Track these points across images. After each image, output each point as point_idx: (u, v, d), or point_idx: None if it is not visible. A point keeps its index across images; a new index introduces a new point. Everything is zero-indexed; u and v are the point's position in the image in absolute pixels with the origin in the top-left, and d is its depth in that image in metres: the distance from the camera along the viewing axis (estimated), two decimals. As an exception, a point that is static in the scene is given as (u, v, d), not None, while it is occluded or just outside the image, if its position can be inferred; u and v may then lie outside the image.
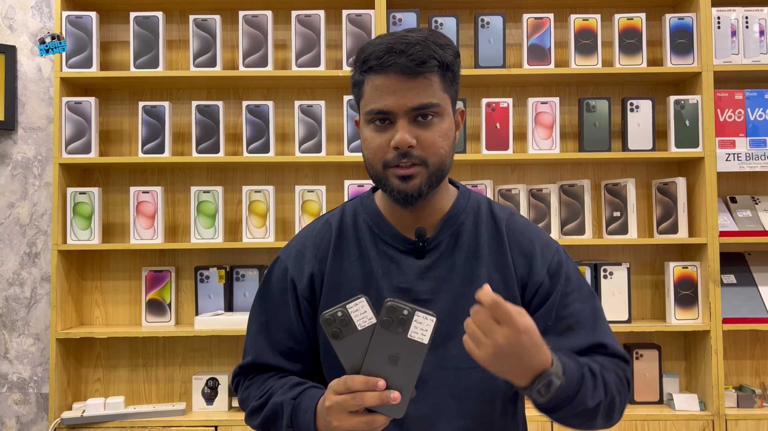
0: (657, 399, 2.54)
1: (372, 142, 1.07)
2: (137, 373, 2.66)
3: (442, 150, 1.07)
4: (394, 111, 1.05)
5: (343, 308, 0.94)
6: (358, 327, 0.94)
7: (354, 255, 1.14)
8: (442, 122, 1.07)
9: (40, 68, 2.69)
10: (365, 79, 1.08)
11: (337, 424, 0.95)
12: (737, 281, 2.59)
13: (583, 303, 1.13)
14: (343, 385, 0.94)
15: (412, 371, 0.94)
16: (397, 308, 0.92)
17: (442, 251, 1.13)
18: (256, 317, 1.20)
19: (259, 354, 1.17)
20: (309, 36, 2.54)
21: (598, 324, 1.12)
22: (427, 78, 1.05)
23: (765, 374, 2.67)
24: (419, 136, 1.05)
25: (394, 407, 0.94)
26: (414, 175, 1.05)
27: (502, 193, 2.58)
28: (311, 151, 2.53)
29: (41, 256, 2.67)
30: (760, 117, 2.54)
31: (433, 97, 1.05)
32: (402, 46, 1.03)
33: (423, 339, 0.93)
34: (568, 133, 2.70)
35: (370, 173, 1.11)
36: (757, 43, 2.54)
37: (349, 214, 1.18)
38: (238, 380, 1.22)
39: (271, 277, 1.19)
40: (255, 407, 1.13)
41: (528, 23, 2.55)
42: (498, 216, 1.16)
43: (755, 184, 2.71)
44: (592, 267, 2.55)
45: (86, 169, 2.69)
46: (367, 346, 0.94)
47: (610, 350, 1.10)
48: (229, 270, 2.63)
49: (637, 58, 2.55)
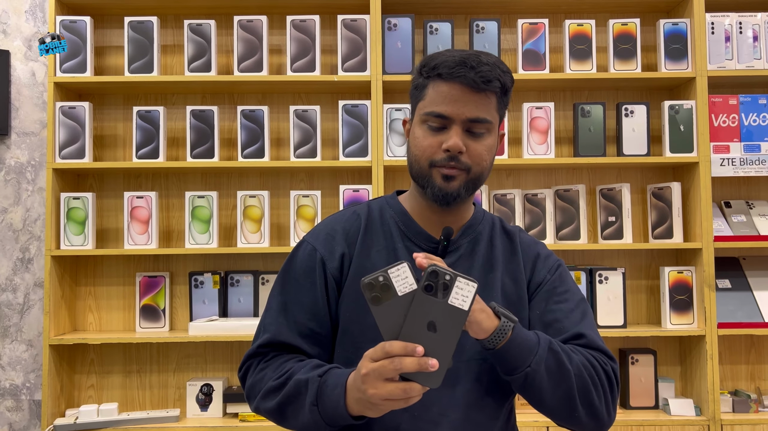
0: (653, 404, 2.54)
1: (423, 141, 1.15)
2: (131, 379, 2.65)
3: (485, 162, 1.16)
4: (452, 117, 1.13)
5: (385, 273, 0.93)
6: (399, 292, 0.93)
7: (381, 245, 1.20)
8: (490, 138, 1.16)
9: (34, 73, 2.68)
10: (429, 84, 1.16)
11: (373, 392, 0.94)
12: (732, 286, 2.59)
13: (575, 304, 1.20)
14: (381, 351, 0.94)
15: (450, 339, 0.93)
16: (439, 273, 0.93)
17: (461, 254, 1.21)
18: (276, 297, 1.21)
19: (278, 332, 1.18)
20: (304, 41, 2.54)
21: (584, 319, 1.18)
22: (487, 96, 1.14)
23: (760, 379, 2.67)
24: (469, 145, 1.14)
25: (431, 376, 0.92)
26: (455, 176, 1.14)
27: (497, 197, 2.58)
28: (306, 156, 2.53)
29: (34, 262, 2.65)
30: (754, 122, 2.55)
31: (488, 114, 1.15)
32: (474, 62, 1.12)
33: (463, 305, 0.93)
34: (563, 138, 2.70)
35: (413, 169, 1.18)
36: (750, 48, 2.55)
37: (375, 210, 1.24)
38: (251, 363, 1.20)
39: (295, 258, 1.22)
40: (273, 387, 1.12)
41: (523, 28, 2.56)
42: (511, 231, 1.27)
43: (749, 188, 2.71)
44: (588, 272, 2.54)
45: (80, 174, 2.67)
46: (407, 312, 0.93)
47: (589, 341, 1.15)
48: (224, 275, 2.62)
49: (632, 63, 2.55)
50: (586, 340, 1.15)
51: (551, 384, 1.07)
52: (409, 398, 0.94)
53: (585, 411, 1.10)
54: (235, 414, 2.52)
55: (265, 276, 2.60)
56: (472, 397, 1.15)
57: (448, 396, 1.13)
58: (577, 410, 1.09)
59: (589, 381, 1.10)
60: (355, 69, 2.53)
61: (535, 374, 1.06)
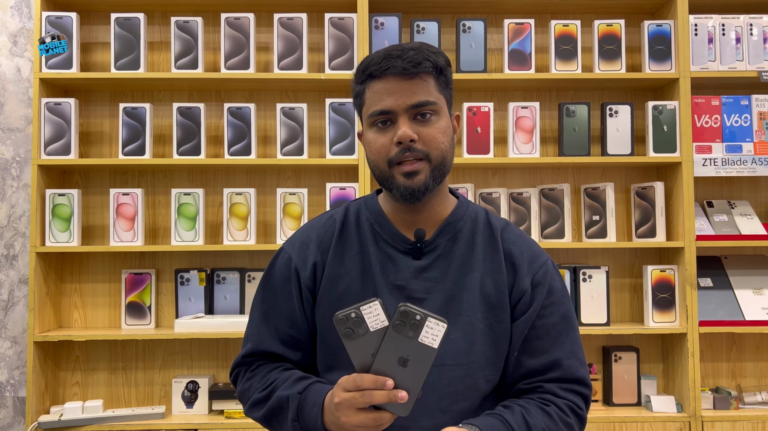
0: (635, 401, 2.57)
1: (375, 143, 1.13)
2: (116, 377, 2.64)
3: (443, 145, 1.12)
4: (394, 110, 1.11)
5: (357, 309, 0.97)
6: (371, 328, 0.97)
7: (354, 249, 1.19)
8: (440, 120, 1.13)
9: (19, 69, 2.66)
10: (366, 87, 1.15)
11: (346, 420, 0.99)
12: (714, 284, 2.63)
13: (559, 317, 1.18)
14: (353, 383, 0.98)
15: (420, 373, 0.97)
16: (410, 313, 0.96)
17: (438, 254, 1.18)
18: (258, 306, 1.24)
19: (260, 341, 1.21)
20: (291, 39, 2.55)
21: (565, 341, 1.17)
22: (422, 79, 1.12)
23: (741, 376, 2.70)
24: (420, 132, 1.11)
25: (401, 406, 0.98)
26: (418, 170, 1.11)
27: (483, 196, 2.60)
28: (293, 154, 2.54)
29: (19, 258, 2.64)
30: (736, 123, 2.58)
31: (430, 96, 1.12)
32: (398, 52, 1.12)
33: (433, 344, 0.96)
34: (548, 137, 2.72)
35: (375, 174, 1.16)
36: (733, 50, 2.58)
37: (352, 212, 1.23)
38: (239, 371, 1.24)
39: (274, 268, 1.24)
40: (258, 399, 1.16)
41: (509, 28, 2.58)
42: (494, 226, 1.22)
43: (731, 188, 2.75)
44: (572, 271, 2.57)
45: (66, 170, 2.66)
46: (378, 347, 0.97)
47: (565, 372, 1.15)
48: (210, 272, 2.62)
49: (617, 63, 2.58)
50: (562, 371, 1.16)
51: None
52: (380, 426, 0.99)
53: None
54: (220, 411, 2.52)
55: (251, 274, 2.60)
56: (444, 403, 1.14)
57: (420, 402, 1.12)
58: None
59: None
60: (342, 67, 2.54)
61: None
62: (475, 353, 1.15)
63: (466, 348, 1.14)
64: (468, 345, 1.15)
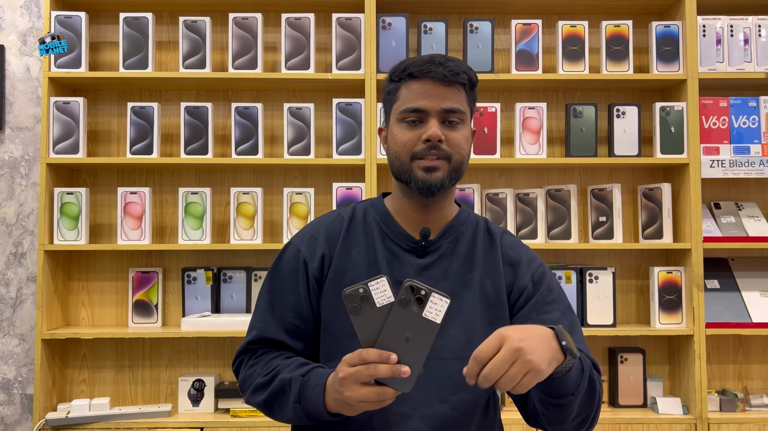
0: (641, 403, 2.57)
1: (402, 137, 1.21)
2: (123, 374, 2.66)
3: (464, 151, 1.22)
4: (428, 110, 1.19)
5: (365, 285, 0.99)
6: (377, 304, 0.99)
7: (361, 245, 1.25)
8: (465, 128, 1.22)
9: (29, 68, 2.68)
10: (402, 85, 1.23)
11: (349, 394, 1.01)
12: (720, 286, 2.62)
13: (561, 313, 1.23)
14: (358, 357, 1.01)
15: (422, 348, 0.99)
16: (415, 288, 0.99)
17: (441, 254, 1.24)
18: (264, 295, 1.28)
19: (265, 329, 1.25)
20: (299, 39, 2.55)
21: (573, 334, 1.19)
22: (457, 89, 1.21)
23: (747, 378, 2.69)
24: (447, 135, 1.19)
25: (403, 381, 1.00)
26: (438, 167, 1.19)
27: (489, 197, 2.60)
28: (300, 154, 2.54)
29: (27, 256, 2.66)
30: (744, 124, 2.58)
31: (461, 105, 1.22)
32: (440, 59, 1.21)
33: (436, 318, 0.99)
34: (554, 138, 2.72)
35: (395, 167, 1.22)
36: (741, 51, 2.57)
37: (359, 211, 1.30)
38: (242, 359, 1.27)
39: (282, 259, 1.29)
40: (260, 383, 1.19)
41: (516, 29, 2.57)
42: (493, 232, 1.30)
43: (738, 190, 2.74)
44: (578, 272, 2.57)
45: (74, 169, 2.68)
46: (384, 322, 0.99)
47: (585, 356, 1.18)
48: (217, 271, 2.63)
49: (624, 64, 2.58)
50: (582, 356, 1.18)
51: (579, 409, 1.13)
52: (383, 401, 1.01)
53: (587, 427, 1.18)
54: (226, 410, 2.53)
55: (257, 273, 2.61)
56: (445, 394, 1.18)
57: (420, 392, 1.15)
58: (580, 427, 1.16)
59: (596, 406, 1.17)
60: (349, 67, 2.54)
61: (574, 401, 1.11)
62: (474, 347, 1.13)
63: (465, 343, 1.19)
64: (467, 340, 1.20)
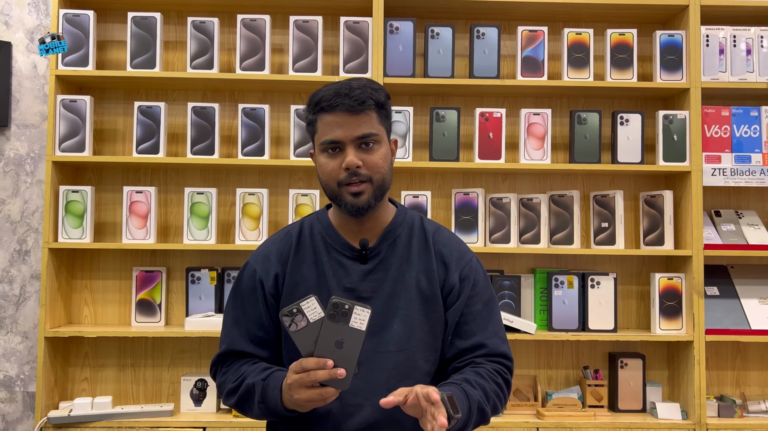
0: (640, 408, 2.59)
1: (327, 167, 1.34)
2: (125, 373, 2.66)
3: (383, 169, 1.35)
4: (343, 140, 1.33)
5: (297, 305, 1.17)
6: (310, 320, 1.17)
7: (310, 260, 1.40)
8: (381, 148, 1.35)
9: (35, 65, 2.68)
10: (318, 118, 1.35)
11: (297, 396, 1.20)
12: (720, 293, 2.65)
13: (483, 305, 1.41)
14: (299, 366, 1.19)
15: (353, 352, 1.17)
16: (339, 304, 1.16)
17: (381, 258, 1.40)
18: (230, 313, 1.45)
19: (233, 342, 1.41)
20: (306, 41, 2.57)
21: (488, 325, 1.41)
22: (367, 114, 1.33)
23: (745, 385, 2.72)
24: (364, 159, 1.33)
25: (341, 381, 1.17)
26: (363, 191, 1.33)
27: (493, 201, 2.62)
28: (306, 156, 2.55)
29: (31, 254, 2.66)
30: (745, 134, 2.61)
31: (373, 129, 1.34)
32: (346, 90, 1.32)
33: (361, 326, 1.16)
34: (558, 144, 2.74)
35: (326, 192, 1.37)
36: (743, 61, 2.61)
37: (306, 227, 1.44)
38: (216, 368, 1.44)
39: (242, 279, 1.44)
40: (231, 389, 1.37)
41: (522, 35, 2.60)
42: (427, 230, 1.45)
43: (738, 198, 2.77)
44: (580, 277, 2.59)
45: (78, 167, 2.68)
46: (318, 335, 1.16)
47: (491, 349, 1.39)
48: (221, 271, 2.63)
49: (628, 72, 2.60)
50: (488, 349, 1.39)
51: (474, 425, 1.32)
52: (326, 399, 1.19)
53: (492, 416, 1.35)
54: (229, 410, 2.53)
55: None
56: (392, 383, 1.32)
57: (371, 383, 1.33)
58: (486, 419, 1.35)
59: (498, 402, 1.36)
60: (356, 70, 2.56)
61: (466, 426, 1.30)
62: (414, 339, 1.37)
63: (406, 336, 1.36)
64: (408, 334, 1.37)
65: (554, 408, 2.53)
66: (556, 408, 2.53)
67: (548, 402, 2.54)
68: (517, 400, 2.59)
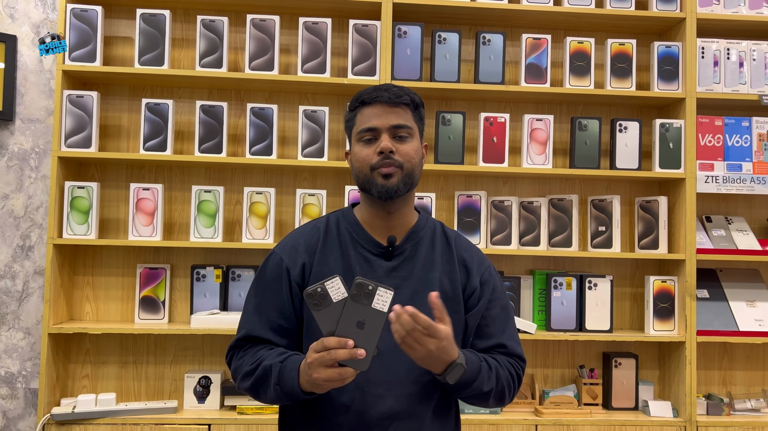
0: (632, 406, 2.68)
1: (361, 153, 1.41)
2: (127, 370, 2.66)
3: (414, 160, 1.42)
4: (379, 127, 1.40)
5: (322, 285, 1.18)
6: (333, 299, 1.18)
7: (337, 253, 1.44)
8: (413, 141, 1.43)
9: (41, 60, 2.65)
10: (357, 113, 1.44)
11: (317, 376, 1.22)
12: (710, 296, 2.75)
13: (501, 310, 1.49)
14: (321, 345, 1.21)
15: (374, 334, 1.18)
16: (363, 284, 1.18)
17: (405, 257, 1.44)
18: (251, 299, 1.47)
19: (253, 329, 1.43)
20: (315, 43, 2.59)
21: (506, 328, 1.49)
22: (402, 109, 1.42)
23: (731, 384, 2.84)
24: (397, 147, 1.40)
25: (360, 362, 1.19)
26: (392, 173, 1.39)
27: (495, 204, 2.68)
28: (314, 156, 2.58)
29: (35, 250, 2.64)
30: (737, 143, 2.72)
31: (407, 121, 1.42)
32: (386, 86, 1.43)
33: (383, 308, 1.18)
34: (557, 149, 2.82)
35: (359, 179, 1.42)
36: (736, 73, 2.71)
37: (333, 222, 1.49)
38: (233, 353, 1.46)
39: (266, 267, 1.47)
40: (248, 371, 1.39)
41: (526, 43, 2.66)
42: (449, 236, 1.51)
43: (728, 205, 2.88)
44: (578, 279, 2.67)
45: (82, 163, 2.67)
46: (340, 314, 1.18)
47: (509, 350, 1.47)
48: (226, 269, 2.65)
49: (627, 81, 2.69)
50: (507, 350, 1.46)
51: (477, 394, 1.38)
52: (345, 379, 1.21)
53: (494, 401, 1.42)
54: (233, 407, 2.55)
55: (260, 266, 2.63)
56: (413, 376, 1.39)
57: (392, 376, 1.38)
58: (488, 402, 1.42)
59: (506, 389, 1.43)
60: (364, 73, 2.59)
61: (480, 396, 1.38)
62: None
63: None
64: None
65: (551, 406, 2.60)
66: (553, 405, 2.61)
67: (545, 400, 2.62)
68: (516, 398, 2.66)
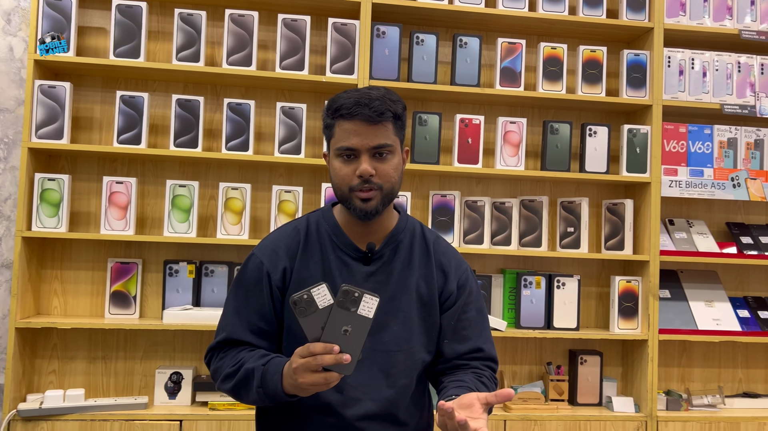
0: (597, 401, 2.77)
1: (341, 171, 1.39)
2: (95, 366, 2.62)
3: (393, 179, 1.41)
4: (359, 148, 1.38)
5: (308, 292, 1.20)
6: (320, 306, 1.20)
7: (317, 257, 1.45)
8: (394, 158, 1.41)
9: (12, 48, 2.59)
10: (335, 123, 1.40)
11: (302, 380, 1.23)
12: (671, 296, 2.86)
13: (477, 312, 1.52)
14: (307, 350, 1.22)
15: (359, 339, 1.21)
16: (350, 291, 1.20)
17: (384, 261, 1.45)
18: (231, 302, 1.47)
19: (233, 331, 1.44)
20: (294, 40, 2.60)
21: (482, 331, 1.52)
22: (384, 125, 1.39)
23: (689, 380, 2.95)
24: (377, 167, 1.38)
25: (345, 367, 1.21)
26: (372, 197, 1.38)
27: (468, 204, 2.73)
28: (291, 152, 2.59)
29: (2, 242, 2.57)
30: (699, 150, 2.83)
31: (388, 140, 1.39)
32: (366, 100, 1.37)
33: (369, 314, 1.21)
34: (529, 151, 2.88)
35: (337, 194, 1.42)
36: (700, 83, 2.82)
37: (313, 224, 1.48)
38: (212, 354, 1.46)
39: (246, 269, 1.47)
40: (229, 373, 1.39)
41: (502, 47, 2.72)
42: (428, 238, 1.52)
43: (689, 209, 3.00)
44: (547, 278, 2.74)
45: (52, 155, 2.61)
46: (326, 321, 1.20)
47: (486, 353, 1.51)
48: (199, 265, 2.63)
49: (597, 87, 2.77)
50: (484, 353, 1.50)
51: None
52: (329, 383, 1.22)
53: None
54: (204, 403, 2.54)
55: (239, 268, 2.63)
56: (390, 380, 1.42)
57: (371, 379, 1.41)
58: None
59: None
60: (343, 71, 2.61)
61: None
62: (413, 340, 1.45)
63: (404, 337, 1.44)
64: (407, 334, 1.44)
65: (519, 402, 2.67)
66: (521, 401, 2.67)
67: (513, 396, 2.68)
68: (485, 394, 2.72)
